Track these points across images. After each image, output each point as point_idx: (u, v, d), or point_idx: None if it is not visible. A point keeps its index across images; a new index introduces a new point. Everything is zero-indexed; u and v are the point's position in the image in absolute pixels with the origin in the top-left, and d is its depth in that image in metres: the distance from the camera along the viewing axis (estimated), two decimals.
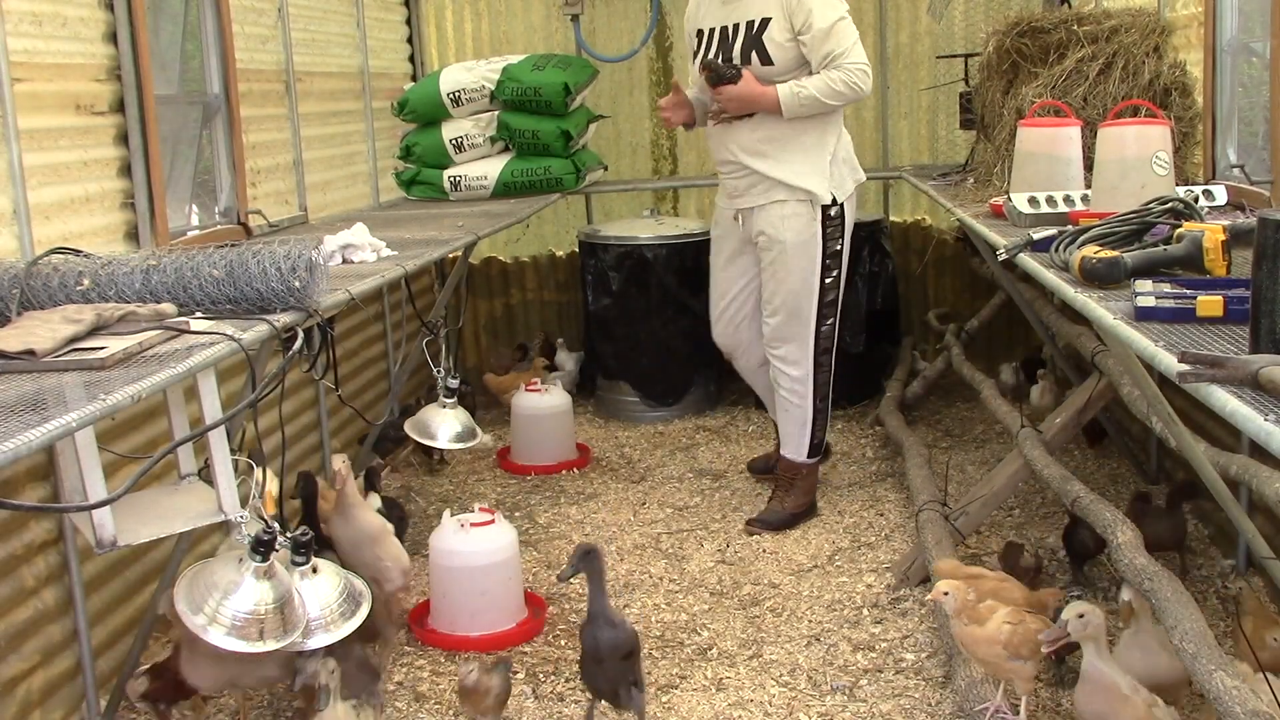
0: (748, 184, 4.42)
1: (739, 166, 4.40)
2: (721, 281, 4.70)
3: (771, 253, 4.42)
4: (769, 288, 4.48)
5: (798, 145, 4.32)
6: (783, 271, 4.42)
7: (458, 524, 3.72)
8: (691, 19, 4.52)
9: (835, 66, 4.17)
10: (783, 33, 4.20)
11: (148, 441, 3.42)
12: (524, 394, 5.42)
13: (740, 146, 4.37)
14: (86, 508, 2.42)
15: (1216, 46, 3.93)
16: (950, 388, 6.04)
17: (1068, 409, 4.07)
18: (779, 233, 4.38)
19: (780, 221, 4.37)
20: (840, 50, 4.18)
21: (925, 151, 6.64)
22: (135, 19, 3.49)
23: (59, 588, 3.10)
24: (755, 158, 4.36)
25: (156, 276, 2.58)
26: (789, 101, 4.21)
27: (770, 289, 4.48)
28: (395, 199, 5.92)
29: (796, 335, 4.48)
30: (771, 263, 4.44)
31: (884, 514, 4.61)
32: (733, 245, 4.62)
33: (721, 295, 4.69)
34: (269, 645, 2.56)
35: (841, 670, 3.40)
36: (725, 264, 4.67)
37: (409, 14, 6.48)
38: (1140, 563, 3.01)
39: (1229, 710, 2.40)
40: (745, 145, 4.36)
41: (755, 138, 4.34)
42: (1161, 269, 2.45)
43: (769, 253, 4.44)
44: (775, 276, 4.44)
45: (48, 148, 3.14)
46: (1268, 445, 1.52)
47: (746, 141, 4.36)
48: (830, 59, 4.18)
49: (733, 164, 4.42)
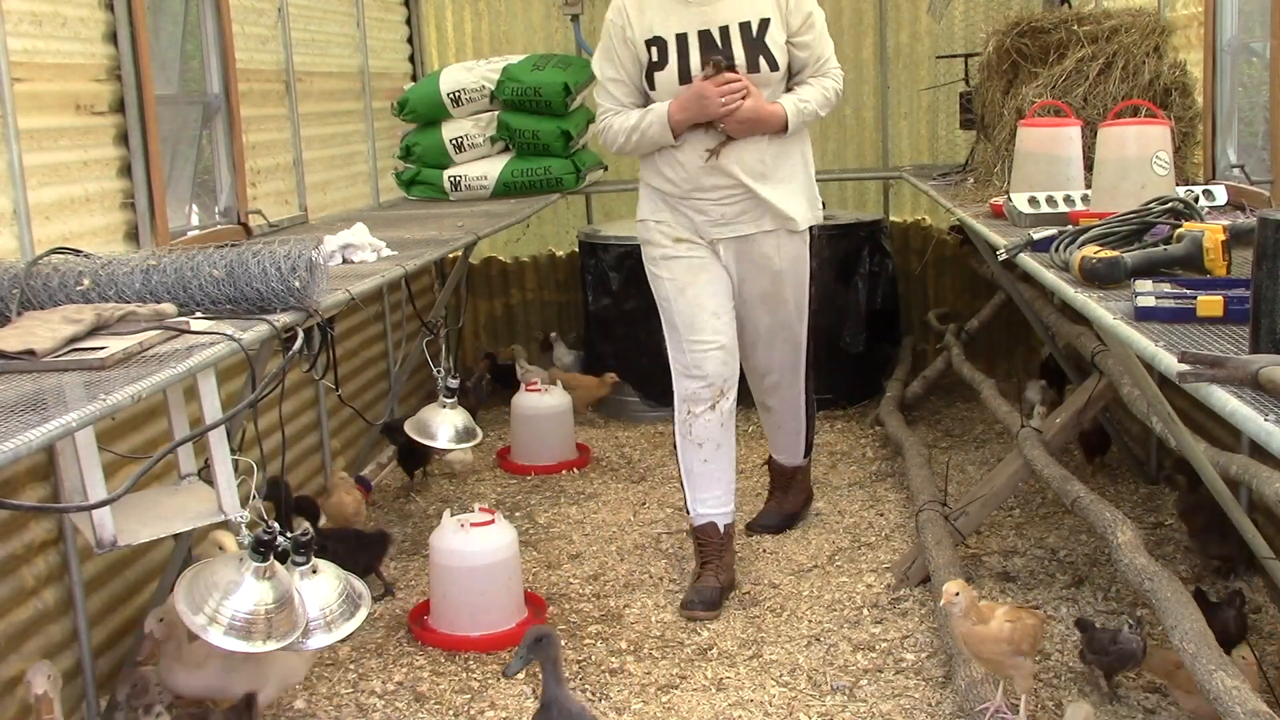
0: (739, 209, 3.86)
1: (736, 190, 3.83)
2: (708, 299, 3.89)
3: (762, 283, 3.95)
4: (762, 321, 4.03)
5: (790, 164, 3.90)
6: (776, 302, 4.00)
7: (458, 524, 3.72)
8: (635, 26, 3.78)
9: (824, 73, 3.88)
10: (780, 34, 3.79)
11: (148, 441, 3.42)
12: (524, 394, 5.42)
13: (744, 168, 3.79)
14: (86, 508, 2.43)
15: (1216, 46, 3.93)
16: (950, 388, 6.04)
17: (1068, 409, 4.07)
18: (773, 262, 3.93)
19: (777, 250, 3.92)
20: (830, 53, 3.91)
21: (925, 151, 6.64)
22: (135, 19, 3.49)
23: (59, 588, 3.10)
24: (758, 181, 3.82)
25: (156, 276, 2.58)
26: (796, 119, 3.80)
27: (764, 323, 4.03)
28: (395, 199, 5.92)
29: (791, 362, 4.16)
30: (764, 296, 3.98)
31: (884, 514, 4.61)
32: (710, 270, 3.93)
33: (714, 314, 3.89)
34: (269, 645, 2.56)
35: (841, 670, 3.40)
36: (706, 284, 3.91)
37: (409, 14, 6.48)
38: (1140, 563, 3.01)
39: (1229, 710, 2.40)
40: (749, 166, 3.81)
41: (758, 158, 3.82)
42: (1161, 269, 2.45)
43: (758, 283, 3.95)
44: (771, 310, 4.01)
45: (48, 148, 3.14)
46: (1268, 445, 1.52)
47: (750, 161, 3.81)
48: (823, 64, 3.87)
49: (728, 188, 3.82)
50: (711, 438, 3.89)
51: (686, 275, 3.89)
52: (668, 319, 3.94)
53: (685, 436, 3.91)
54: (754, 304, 4.01)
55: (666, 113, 3.75)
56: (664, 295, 3.95)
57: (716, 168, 3.81)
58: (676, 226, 3.91)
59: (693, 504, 3.97)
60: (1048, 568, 3.98)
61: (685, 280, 3.89)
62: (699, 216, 3.88)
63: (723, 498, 3.95)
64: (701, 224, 3.88)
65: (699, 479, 3.92)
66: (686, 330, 3.86)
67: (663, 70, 3.78)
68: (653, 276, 3.99)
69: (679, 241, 3.92)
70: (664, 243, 3.93)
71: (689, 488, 3.96)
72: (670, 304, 3.92)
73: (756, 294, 3.98)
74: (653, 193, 3.97)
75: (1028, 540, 4.21)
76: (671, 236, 3.92)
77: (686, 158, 3.83)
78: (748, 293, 3.98)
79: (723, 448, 3.92)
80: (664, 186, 3.91)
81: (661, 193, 3.92)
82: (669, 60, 3.77)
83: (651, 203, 3.98)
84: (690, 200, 3.87)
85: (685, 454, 3.94)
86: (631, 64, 3.83)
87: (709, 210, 3.87)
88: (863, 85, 6.64)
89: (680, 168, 3.85)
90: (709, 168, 3.81)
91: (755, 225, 3.88)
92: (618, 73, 3.85)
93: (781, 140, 3.82)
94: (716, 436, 3.89)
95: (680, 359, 3.90)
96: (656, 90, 3.81)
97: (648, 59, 3.80)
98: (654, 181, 3.96)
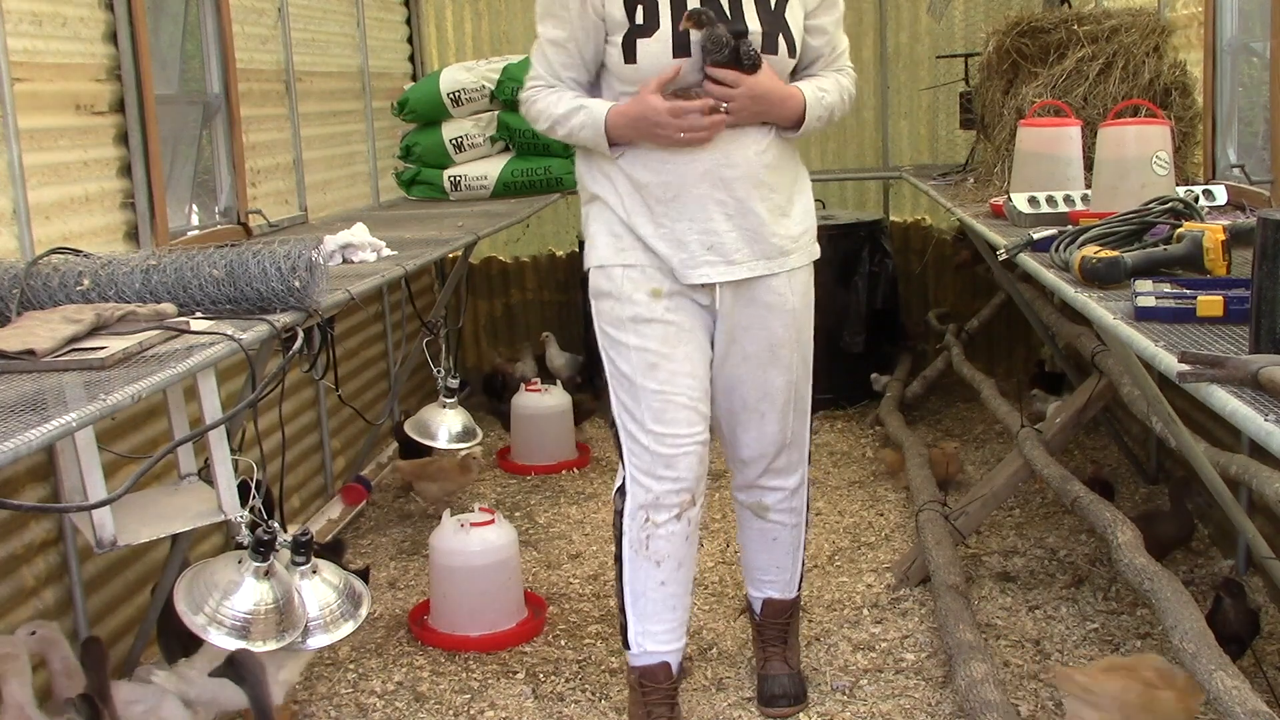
0: (746, 239, 2.82)
1: (733, 207, 2.80)
2: (686, 379, 2.88)
3: (773, 331, 2.92)
4: (772, 385, 2.98)
5: (794, 175, 2.94)
6: (790, 353, 2.97)
7: (458, 524, 3.72)
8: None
9: (840, 70, 2.96)
10: (799, 10, 2.82)
11: (148, 441, 3.42)
12: (524, 394, 5.42)
13: (746, 175, 2.80)
14: (86, 508, 2.43)
15: (1216, 46, 3.93)
16: (950, 388, 6.04)
17: (1068, 409, 4.07)
18: (787, 300, 2.91)
19: (788, 290, 2.92)
20: (847, 49, 3.00)
21: (925, 151, 6.64)
22: (135, 19, 3.49)
23: (59, 588, 3.10)
24: (762, 194, 2.81)
25: (156, 276, 2.58)
26: (814, 111, 2.83)
27: (776, 385, 2.98)
28: (395, 199, 5.92)
29: (800, 436, 3.10)
30: (775, 348, 2.95)
31: (884, 514, 4.61)
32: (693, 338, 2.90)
33: (691, 400, 2.89)
34: (269, 645, 2.56)
35: (841, 670, 3.40)
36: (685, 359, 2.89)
37: (409, 14, 6.48)
38: (1140, 563, 3.01)
39: (1229, 710, 2.40)
40: (752, 174, 2.79)
41: (762, 163, 2.81)
42: (1161, 269, 2.45)
43: (767, 333, 2.92)
44: (784, 367, 2.98)
45: (48, 148, 3.14)
46: (1268, 445, 1.52)
47: (753, 168, 2.79)
48: (839, 57, 2.95)
49: (723, 203, 2.79)
50: (674, 554, 2.94)
51: (662, 347, 2.85)
52: (625, 402, 2.91)
53: (639, 553, 2.94)
54: (759, 363, 2.96)
55: (604, 120, 2.76)
56: (624, 372, 2.89)
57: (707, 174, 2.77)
58: (653, 272, 2.85)
59: (637, 638, 2.99)
60: (1048, 568, 3.98)
61: (660, 354, 2.85)
62: (680, 253, 2.81)
63: (677, 630, 3.02)
64: (683, 261, 2.81)
65: (651, 605, 2.97)
66: (656, 421, 2.86)
67: (649, 37, 2.70)
68: (610, 342, 2.92)
69: (658, 296, 2.85)
70: (637, 298, 2.85)
71: (635, 616, 2.98)
72: (634, 385, 2.87)
73: (764, 348, 2.94)
74: (609, 214, 2.88)
75: (1028, 540, 4.22)
76: (648, 289, 2.84)
77: (668, 162, 2.78)
78: (751, 349, 2.93)
79: (684, 566, 2.98)
80: (629, 200, 2.84)
81: (625, 212, 2.85)
82: (659, 22, 2.69)
83: (610, 235, 2.88)
84: (675, 224, 2.80)
85: (636, 575, 2.96)
86: (586, 27, 2.75)
87: (698, 238, 2.80)
88: (863, 85, 6.58)
89: (663, 166, 2.78)
90: (702, 175, 2.76)
91: (766, 263, 2.86)
92: (562, 32, 2.78)
93: (786, 144, 2.88)
94: (679, 553, 2.95)
95: (640, 455, 2.90)
96: (639, 65, 2.71)
97: (626, 20, 2.70)
98: (611, 194, 2.87)
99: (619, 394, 2.93)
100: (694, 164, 2.75)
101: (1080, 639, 3.48)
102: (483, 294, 6.94)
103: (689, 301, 2.87)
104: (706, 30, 2.64)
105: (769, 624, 3.27)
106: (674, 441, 2.88)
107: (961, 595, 3.47)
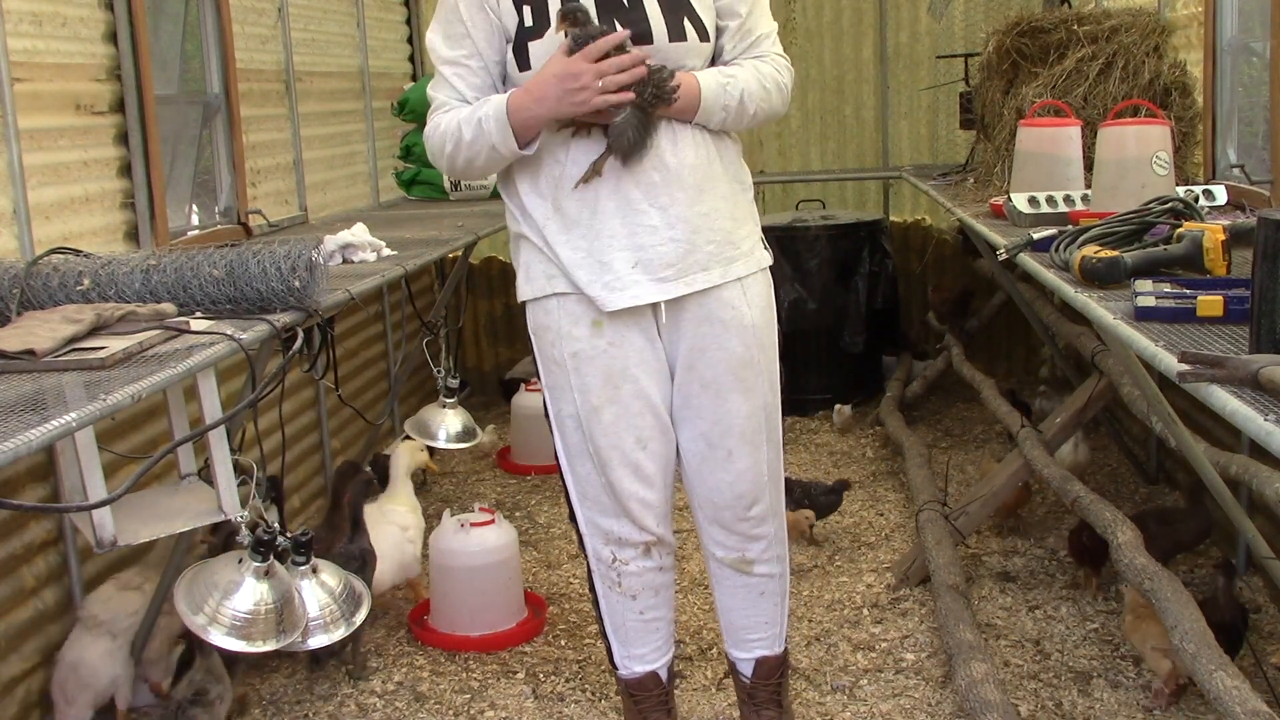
0: (679, 250, 2.54)
1: (658, 217, 2.52)
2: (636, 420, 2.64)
3: (730, 350, 2.62)
4: (735, 413, 2.66)
5: (726, 173, 2.63)
6: (752, 374, 2.66)
7: (458, 524, 3.72)
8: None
9: (760, 56, 2.63)
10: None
11: (148, 441, 3.42)
12: (524, 394, 5.42)
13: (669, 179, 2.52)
14: (86, 508, 2.43)
15: (1216, 46, 3.93)
16: (950, 388, 6.04)
17: (1068, 409, 4.07)
18: (744, 314, 2.62)
19: (743, 302, 2.62)
20: (769, 33, 2.66)
21: (925, 151, 6.64)
22: (135, 19, 3.49)
23: (59, 588, 3.10)
24: (690, 197, 2.54)
25: (156, 276, 2.58)
26: (713, 96, 2.52)
27: (740, 412, 2.66)
28: (395, 199, 5.91)
29: (775, 470, 2.77)
30: (738, 368, 2.64)
31: (884, 514, 4.61)
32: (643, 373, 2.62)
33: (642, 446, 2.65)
34: (269, 645, 2.56)
35: (841, 670, 3.40)
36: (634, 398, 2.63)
37: (409, 14, 6.48)
38: (1140, 562, 3.02)
39: (1229, 710, 2.40)
40: (675, 176, 2.53)
41: (683, 163, 2.53)
42: (1161, 269, 2.45)
43: (725, 353, 2.62)
44: (747, 388, 2.66)
45: (48, 148, 3.14)
46: (1268, 445, 1.52)
47: (674, 169, 2.53)
48: (755, 43, 2.63)
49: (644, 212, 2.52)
50: (649, 585, 2.79)
51: (605, 390, 2.60)
52: (570, 450, 2.69)
53: (612, 589, 2.79)
54: (718, 391, 2.65)
55: (505, 104, 2.46)
56: (567, 413, 2.65)
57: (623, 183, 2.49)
58: (587, 304, 2.56)
59: (623, 660, 2.88)
60: (1048, 568, 3.98)
61: (603, 399, 2.61)
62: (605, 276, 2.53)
63: (663, 646, 2.89)
64: (608, 284, 2.53)
65: (633, 633, 2.84)
66: (605, 468, 2.65)
67: (540, 40, 2.49)
68: (552, 382, 2.68)
69: (600, 328, 2.57)
70: (576, 332, 2.59)
71: (617, 641, 2.86)
72: (580, 431, 2.65)
73: (724, 371, 2.63)
74: (532, 248, 2.64)
75: (1028, 540, 4.22)
76: (589, 319, 2.58)
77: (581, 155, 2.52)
78: (709, 374, 2.63)
79: (663, 592, 2.82)
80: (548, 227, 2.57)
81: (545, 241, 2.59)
82: (550, 22, 2.48)
83: (540, 264, 2.62)
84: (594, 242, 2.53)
85: (613, 609, 2.82)
86: (488, 35, 2.52)
87: (632, 254, 2.52)
88: (863, 85, 6.64)
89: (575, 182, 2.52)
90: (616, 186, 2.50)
91: (708, 273, 2.57)
92: (461, 49, 2.54)
93: (711, 138, 2.58)
94: (655, 583, 2.79)
95: (592, 497, 2.71)
96: (533, 70, 2.48)
97: (517, 22, 2.50)
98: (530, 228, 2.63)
99: (559, 435, 2.70)
100: (607, 174, 2.49)
101: (1080, 639, 3.48)
102: (483, 294, 6.94)
103: (634, 331, 2.58)
104: (580, 29, 2.40)
105: (761, 686, 2.91)
106: (625, 493, 2.68)
107: (961, 595, 3.47)
